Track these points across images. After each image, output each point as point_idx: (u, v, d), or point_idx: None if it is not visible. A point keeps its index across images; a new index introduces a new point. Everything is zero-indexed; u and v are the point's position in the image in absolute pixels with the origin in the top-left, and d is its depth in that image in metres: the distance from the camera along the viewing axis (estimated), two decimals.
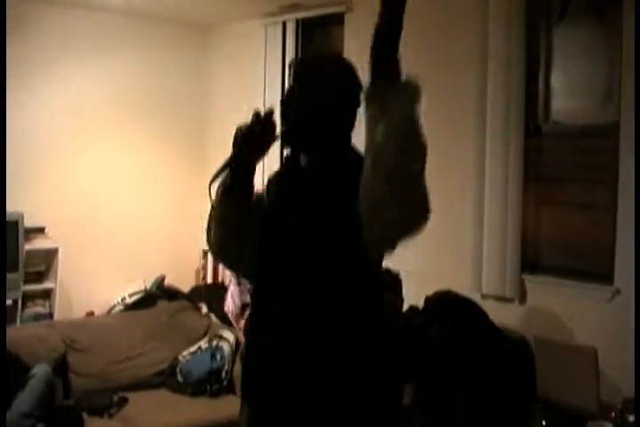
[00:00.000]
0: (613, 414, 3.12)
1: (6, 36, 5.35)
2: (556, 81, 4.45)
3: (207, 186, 2.08)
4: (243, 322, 3.48)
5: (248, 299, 3.45)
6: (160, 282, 6.08)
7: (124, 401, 4.64)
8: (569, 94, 4.42)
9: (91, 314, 5.93)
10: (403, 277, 4.19)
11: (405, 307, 4.27)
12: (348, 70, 2.08)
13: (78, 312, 5.92)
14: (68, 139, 5.93)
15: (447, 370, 3.77)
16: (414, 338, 3.90)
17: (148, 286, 6.03)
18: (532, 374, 3.73)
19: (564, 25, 4.33)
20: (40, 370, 4.29)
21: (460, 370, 3.74)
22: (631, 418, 2.96)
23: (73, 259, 5.77)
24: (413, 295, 4.27)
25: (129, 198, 6.27)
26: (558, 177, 4.42)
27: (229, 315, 3.57)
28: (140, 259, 6.24)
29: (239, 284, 3.55)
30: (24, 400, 4.06)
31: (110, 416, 4.50)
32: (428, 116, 4.68)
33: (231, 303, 3.54)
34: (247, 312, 3.54)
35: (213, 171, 2.05)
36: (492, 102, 4.41)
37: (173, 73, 6.52)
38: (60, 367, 4.68)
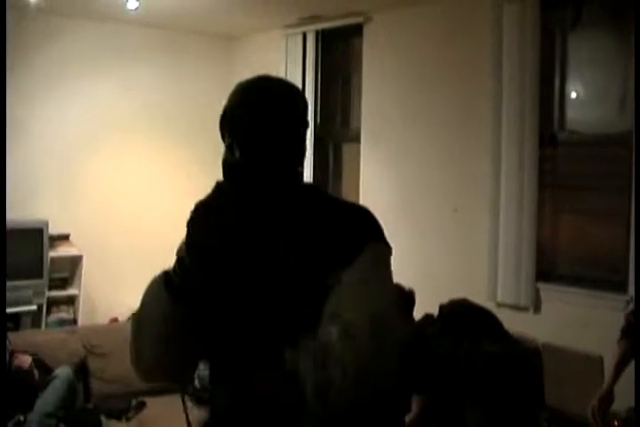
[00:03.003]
0: (616, 422, 3.10)
1: (32, 50, 5.49)
2: (572, 89, 4.45)
3: None
4: None
5: None
6: None
7: (141, 405, 4.69)
8: (584, 103, 4.42)
9: (114, 320, 5.98)
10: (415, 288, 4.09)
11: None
12: (299, 94, 1.78)
13: (102, 318, 5.99)
14: (93, 148, 6.02)
15: (460, 380, 3.77)
16: (428, 348, 3.88)
17: None
18: (541, 383, 3.71)
19: (579, 33, 4.33)
20: (62, 372, 4.34)
21: (474, 380, 3.73)
22: None
23: (97, 266, 5.86)
24: (427, 302, 4.21)
25: (152, 206, 6.35)
26: (573, 185, 4.41)
27: None
28: (163, 265, 6.27)
29: None
30: (47, 401, 4.11)
31: (128, 420, 4.57)
32: (445, 123, 4.76)
33: None
34: None
35: None
36: (507, 111, 4.43)
37: (196, 84, 6.60)
38: (81, 371, 4.75)
